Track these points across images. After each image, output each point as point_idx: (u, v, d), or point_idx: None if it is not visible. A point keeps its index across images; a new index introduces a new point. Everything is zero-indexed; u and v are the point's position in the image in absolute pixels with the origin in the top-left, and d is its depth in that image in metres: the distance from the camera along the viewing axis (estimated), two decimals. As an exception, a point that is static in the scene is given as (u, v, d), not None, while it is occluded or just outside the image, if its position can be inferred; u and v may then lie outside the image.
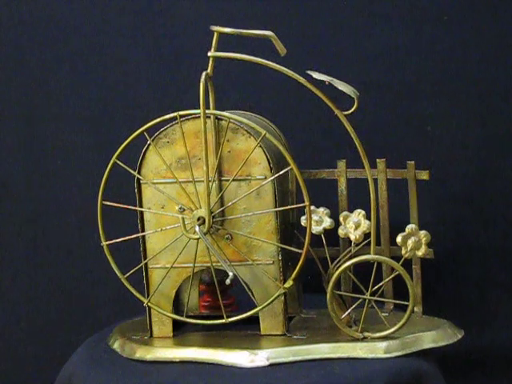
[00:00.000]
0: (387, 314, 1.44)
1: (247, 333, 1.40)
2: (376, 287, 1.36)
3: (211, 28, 1.36)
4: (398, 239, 1.38)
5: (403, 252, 1.38)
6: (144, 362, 1.35)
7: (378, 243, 1.42)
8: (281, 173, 1.36)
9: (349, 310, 1.38)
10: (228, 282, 1.32)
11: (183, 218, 1.34)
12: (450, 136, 1.79)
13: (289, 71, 1.36)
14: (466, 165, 1.79)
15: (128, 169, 1.39)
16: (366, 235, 1.39)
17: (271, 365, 1.31)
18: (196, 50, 1.80)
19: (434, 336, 1.36)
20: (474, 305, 1.81)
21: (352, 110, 1.35)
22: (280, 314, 1.39)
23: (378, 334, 1.35)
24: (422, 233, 1.39)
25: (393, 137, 1.78)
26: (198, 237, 1.34)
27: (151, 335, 1.41)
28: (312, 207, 1.42)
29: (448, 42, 1.77)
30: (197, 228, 1.34)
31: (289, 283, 1.37)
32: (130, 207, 1.41)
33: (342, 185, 1.50)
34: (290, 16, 1.78)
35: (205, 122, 1.35)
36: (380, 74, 1.77)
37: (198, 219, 1.36)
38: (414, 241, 1.38)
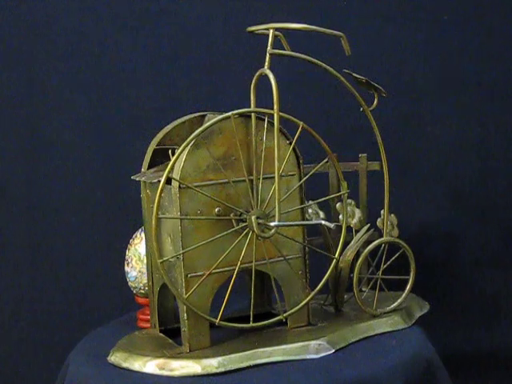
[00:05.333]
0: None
1: (274, 329, 1.38)
2: (385, 266, 1.46)
3: (268, 26, 1.35)
4: (379, 223, 1.48)
5: (384, 233, 1.47)
6: (215, 375, 1.26)
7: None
8: (319, 165, 1.39)
9: (366, 290, 1.49)
10: (333, 226, 1.31)
11: (254, 220, 1.29)
12: (450, 136, 1.79)
13: (333, 71, 1.38)
14: (465, 164, 1.79)
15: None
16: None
17: (336, 351, 1.32)
18: (196, 49, 1.80)
19: (418, 306, 1.49)
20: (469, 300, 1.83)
21: (374, 106, 1.44)
22: (305, 306, 1.38)
23: (388, 309, 1.44)
24: (392, 216, 1.49)
25: (393, 136, 1.78)
26: (269, 235, 1.31)
27: (190, 349, 1.31)
28: None
29: (448, 42, 1.77)
30: (273, 223, 1.30)
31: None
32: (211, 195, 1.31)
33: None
34: (289, 16, 1.76)
35: (278, 120, 1.31)
36: (380, 74, 1.76)
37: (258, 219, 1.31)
38: (390, 223, 1.47)
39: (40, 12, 1.77)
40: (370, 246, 1.44)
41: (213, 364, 1.26)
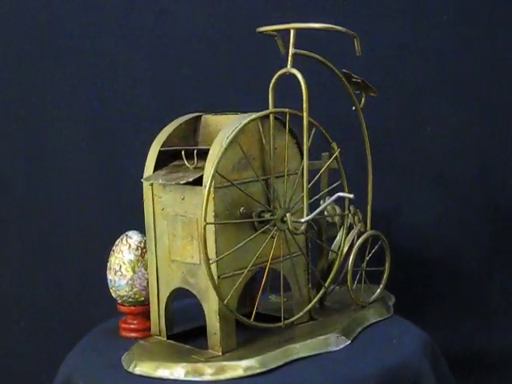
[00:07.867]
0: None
1: (282, 327, 1.37)
2: (368, 257, 1.50)
3: (289, 26, 1.34)
4: (350, 218, 1.49)
5: (368, 227, 1.52)
6: (258, 375, 1.24)
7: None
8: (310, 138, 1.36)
9: (357, 281, 1.50)
10: (352, 196, 1.34)
11: (289, 218, 1.30)
12: (450, 136, 1.79)
13: (338, 71, 1.42)
14: (465, 164, 1.79)
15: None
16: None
17: (351, 342, 1.35)
18: (196, 49, 1.79)
19: (388, 298, 1.54)
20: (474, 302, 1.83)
21: (361, 104, 1.48)
22: (307, 302, 1.41)
23: (371, 299, 1.49)
24: (358, 211, 1.52)
25: (392, 136, 1.78)
26: (301, 231, 1.33)
27: (223, 351, 1.29)
28: None
29: (448, 42, 1.76)
30: (302, 220, 1.32)
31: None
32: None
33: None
34: (289, 16, 1.76)
35: (307, 118, 1.32)
36: (380, 74, 1.76)
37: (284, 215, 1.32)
38: (358, 218, 1.50)
39: (40, 12, 1.76)
40: (361, 240, 1.47)
41: (254, 364, 1.24)
